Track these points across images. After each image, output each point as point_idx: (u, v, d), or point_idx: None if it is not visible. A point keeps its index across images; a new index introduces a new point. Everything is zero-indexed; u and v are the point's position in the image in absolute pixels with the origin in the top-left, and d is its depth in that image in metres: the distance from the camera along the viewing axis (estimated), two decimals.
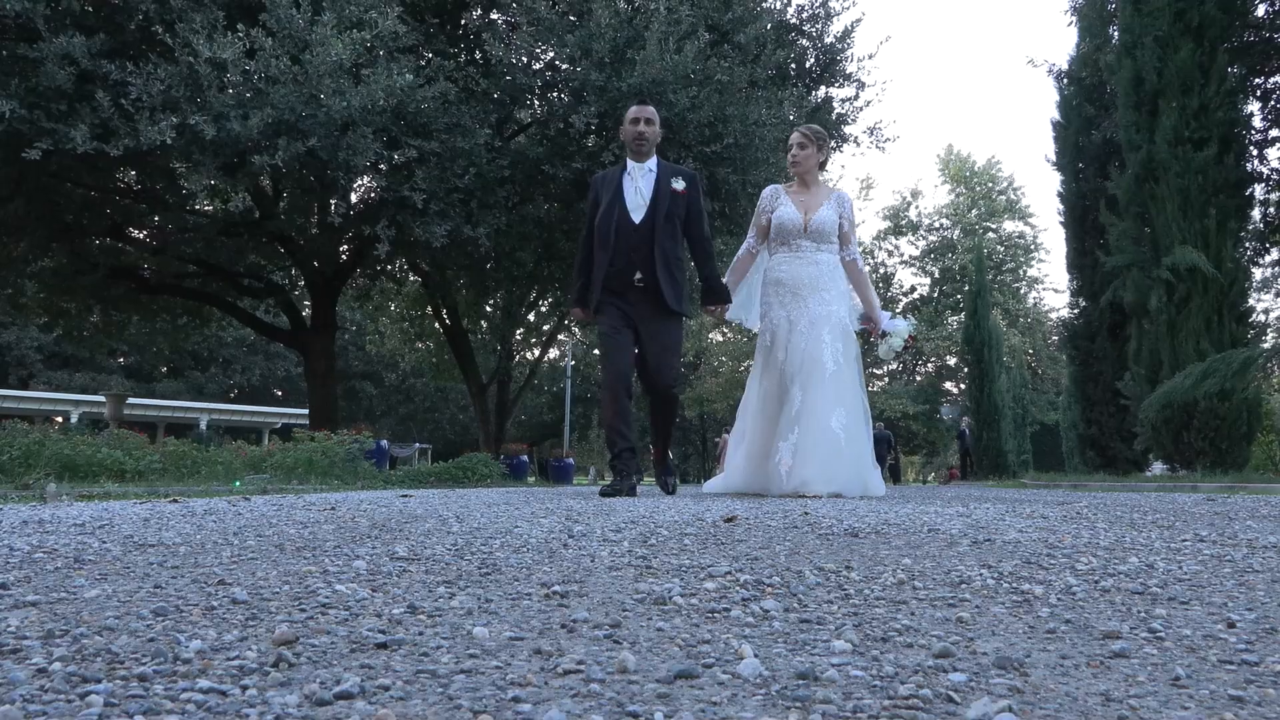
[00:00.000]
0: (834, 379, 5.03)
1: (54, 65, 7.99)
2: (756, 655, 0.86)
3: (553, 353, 29.96)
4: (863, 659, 0.86)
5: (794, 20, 12.87)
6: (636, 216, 5.11)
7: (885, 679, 0.79)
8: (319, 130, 8.71)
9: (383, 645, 0.88)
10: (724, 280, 5.51)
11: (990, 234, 45.10)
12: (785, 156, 5.99)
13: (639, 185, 5.19)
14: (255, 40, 8.45)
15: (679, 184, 5.18)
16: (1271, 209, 14.21)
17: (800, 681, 0.78)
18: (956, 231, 45.71)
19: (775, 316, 5.28)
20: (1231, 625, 1.03)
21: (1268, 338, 18.34)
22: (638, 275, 5.05)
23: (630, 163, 5.29)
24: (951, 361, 42.19)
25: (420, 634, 0.94)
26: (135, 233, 13.21)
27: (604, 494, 4.79)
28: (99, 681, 0.74)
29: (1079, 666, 0.84)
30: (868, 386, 5.61)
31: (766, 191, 5.62)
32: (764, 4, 12.16)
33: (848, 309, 5.34)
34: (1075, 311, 16.94)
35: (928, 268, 46.35)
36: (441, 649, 0.87)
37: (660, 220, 5.09)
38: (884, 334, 5.46)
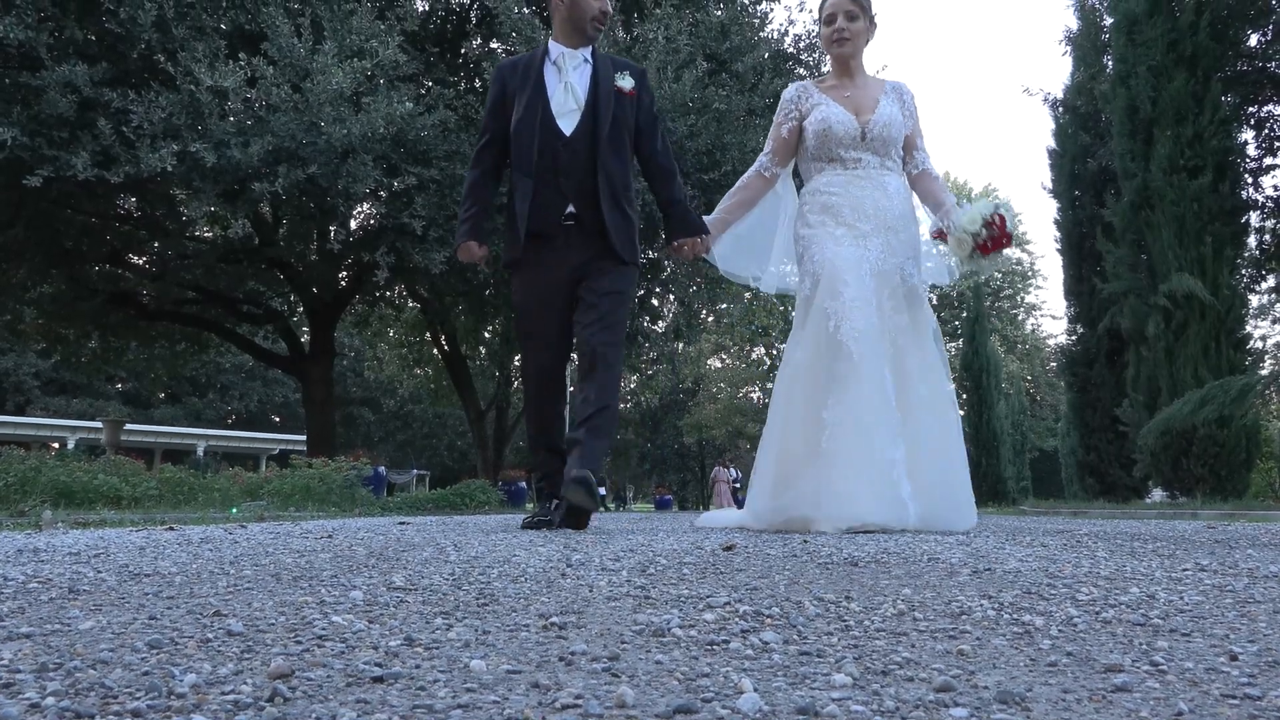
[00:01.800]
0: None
1: (56, 93, 8.04)
2: (756, 689, 0.85)
3: None
4: (863, 693, 0.85)
5: (791, 49, 12.98)
6: (566, 126, 3.61)
7: (886, 714, 0.78)
8: (319, 157, 8.75)
9: (379, 679, 0.87)
10: (714, 213, 4.05)
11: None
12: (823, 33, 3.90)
13: (570, 81, 3.66)
14: (256, 69, 8.51)
15: (625, 81, 3.68)
16: (1267, 236, 14.27)
17: (800, 716, 0.77)
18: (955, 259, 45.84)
19: (826, 254, 3.63)
20: (1234, 658, 1.02)
21: (1265, 364, 18.37)
22: (569, 209, 3.60)
23: (554, 47, 3.70)
24: (950, 388, 42.15)
25: (417, 667, 0.93)
26: (135, 259, 13.24)
27: (526, 525, 3.58)
28: (93, 717, 0.73)
29: (1081, 700, 0.84)
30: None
31: (790, 91, 3.96)
32: (761, 33, 12.27)
33: (917, 262, 3.82)
34: (1073, 338, 16.96)
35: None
36: (438, 682, 0.87)
37: (603, 130, 3.59)
38: (946, 225, 3.72)
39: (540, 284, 3.69)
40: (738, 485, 25.77)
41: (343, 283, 13.69)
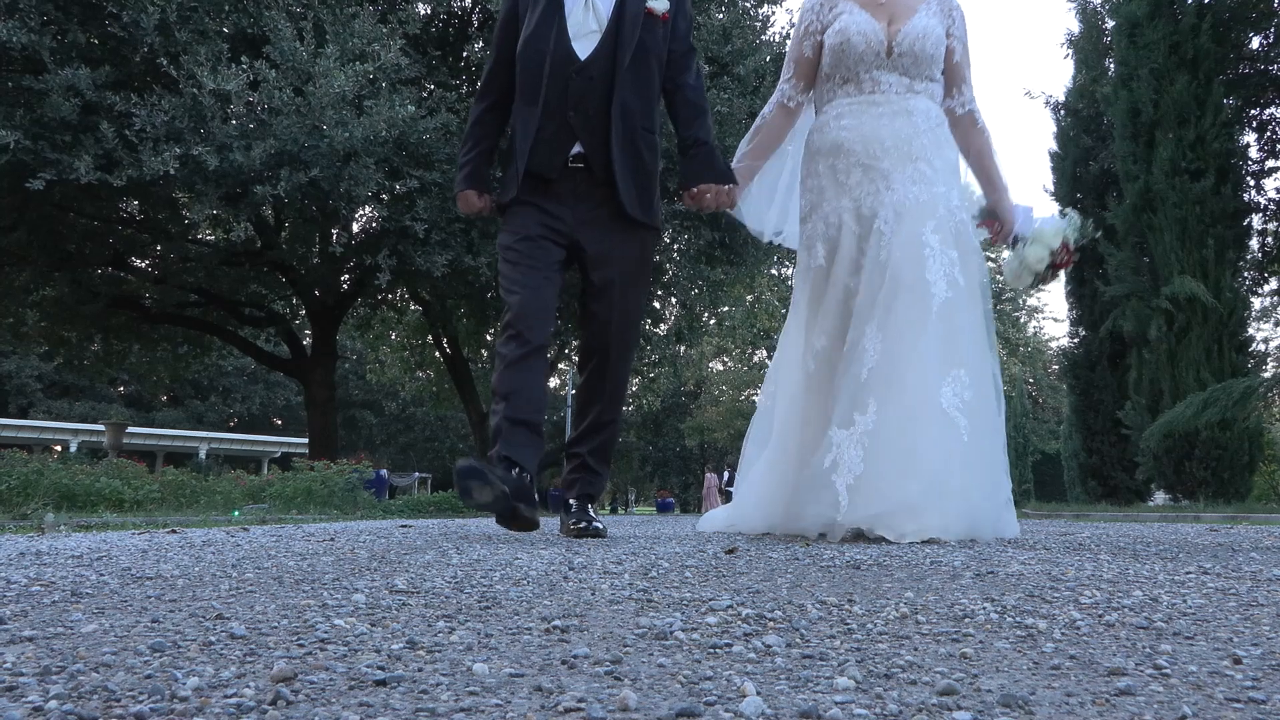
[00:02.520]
0: (945, 315, 2.86)
1: (59, 97, 8.06)
2: (759, 693, 0.85)
3: (553, 381, 29.98)
4: (866, 696, 0.85)
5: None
6: (582, 49, 3.06)
7: (889, 717, 0.78)
8: (321, 161, 8.77)
9: (382, 682, 0.87)
10: (734, 160, 3.44)
11: (990, 263, 45.25)
12: None
13: None
14: (259, 72, 8.53)
15: (659, 3, 3.12)
16: (1269, 238, 14.27)
17: None
18: None
19: (832, 209, 3.09)
20: (1238, 661, 1.02)
21: (1268, 367, 18.36)
22: (576, 149, 3.05)
23: None
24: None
25: (420, 670, 0.93)
26: (137, 262, 13.27)
27: (469, 499, 2.76)
28: None
29: (1084, 704, 0.84)
30: None
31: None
32: (763, 36, 12.29)
33: (961, 195, 3.16)
34: (1075, 341, 16.96)
35: None
36: (441, 686, 0.87)
37: (625, 57, 3.04)
38: (1017, 240, 3.21)
39: (533, 233, 3.06)
40: (730, 488, 25.75)
41: (345, 286, 13.71)
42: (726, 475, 27.22)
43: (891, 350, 2.80)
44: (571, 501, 3.30)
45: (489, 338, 18.67)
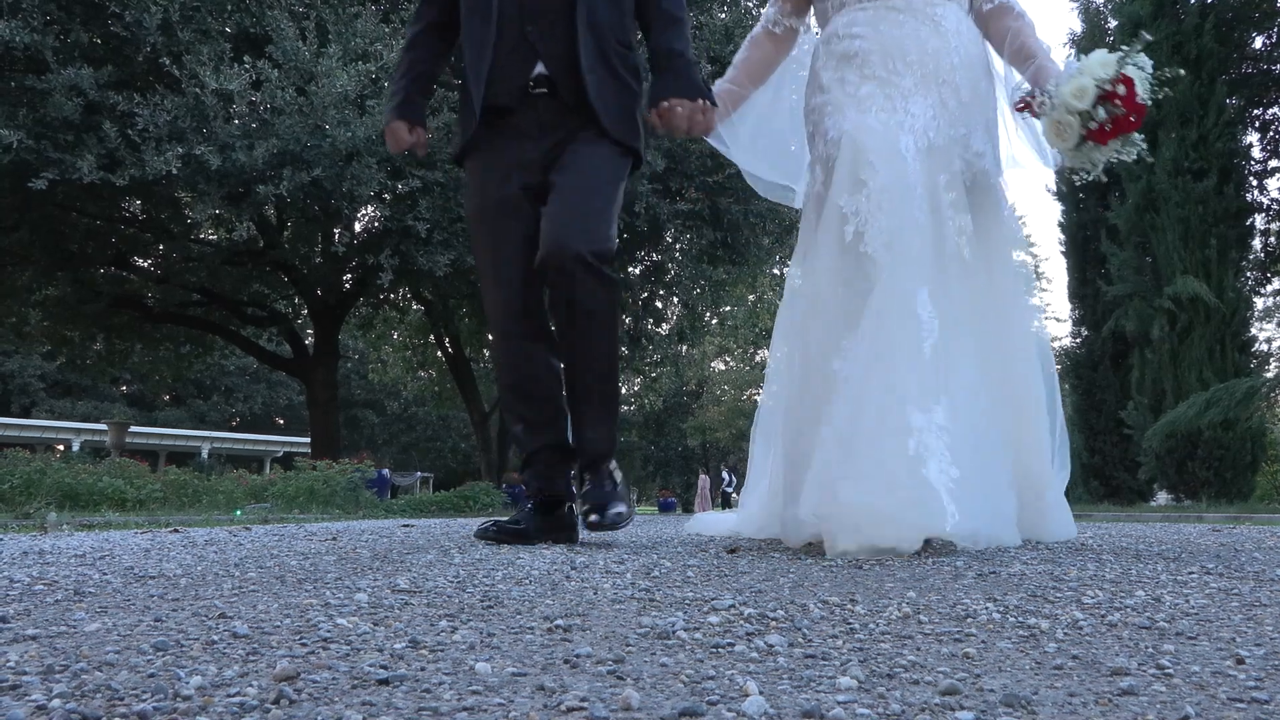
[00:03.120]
0: (970, 274, 2.47)
1: (61, 96, 8.07)
2: (761, 692, 0.85)
3: None
4: (869, 696, 0.85)
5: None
6: None
7: (892, 717, 0.78)
8: (323, 160, 8.78)
9: (384, 681, 0.87)
10: (721, 82, 2.93)
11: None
12: None
13: None
14: (261, 72, 8.54)
15: None
16: (1272, 239, 14.26)
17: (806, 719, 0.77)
18: None
19: (834, 124, 2.51)
20: (1240, 661, 1.02)
21: (1270, 367, 18.34)
22: (539, 69, 2.55)
23: None
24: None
25: (422, 670, 0.93)
26: (140, 261, 13.29)
27: (481, 535, 2.64)
28: (99, 719, 0.73)
29: (1087, 704, 0.83)
30: None
31: None
32: None
33: (991, 141, 2.65)
34: (1077, 340, 16.94)
35: None
36: (444, 685, 0.87)
37: None
38: (1037, 96, 2.37)
39: (497, 195, 2.55)
40: (729, 489, 25.64)
41: (347, 285, 13.72)
42: (727, 476, 27.16)
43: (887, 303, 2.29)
44: (586, 481, 2.56)
45: (490, 337, 18.65)
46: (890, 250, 2.30)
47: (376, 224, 11.28)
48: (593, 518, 2.47)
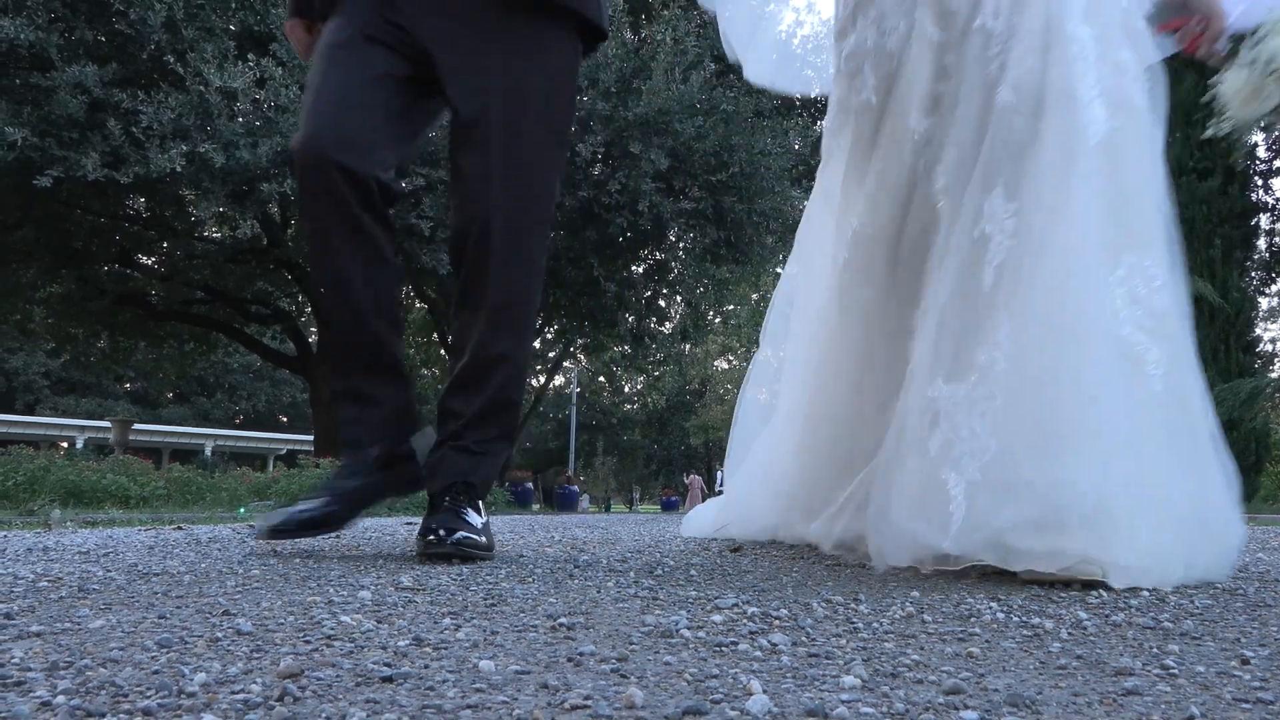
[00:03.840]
0: (1110, 158, 1.67)
1: (66, 94, 8.09)
2: (765, 691, 0.85)
3: (558, 379, 30.00)
4: (873, 695, 0.85)
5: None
6: None
7: (896, 716, 0.78)
8: None
9: (388, 679, 0.87)
10: None
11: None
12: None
13: None
14: (265, 70, 8.55)
15: None
16: (1277, 239, 14.23)
17: (810, 718, 0.77)
18: None
19: (891, 5, 1.82)
20: (1245, 662, 1.02)
21: (1275, 367, 18.31)
22: None
23: None
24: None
25: (426, 667, 0.93)
26: (144, 259, 13.32)
27: (267, 533, 1.97)
28: (103, 716, 0.73)
29: (1091, 704, 0.83)
30: None
31: None
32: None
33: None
34: None
35: None
36: (447, 683, 0.87)
37: None
38: (1237, 39, 1.80)
39: (345, 35, 1.88)
40: (723, 489, 25.60)
41: None
42: (721, 475, 27.20)
43: (1026, 228, 1.63)
44: (443, 498, 1.93)
45: None
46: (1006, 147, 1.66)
47: None
48: (432, 540, 1.88)
